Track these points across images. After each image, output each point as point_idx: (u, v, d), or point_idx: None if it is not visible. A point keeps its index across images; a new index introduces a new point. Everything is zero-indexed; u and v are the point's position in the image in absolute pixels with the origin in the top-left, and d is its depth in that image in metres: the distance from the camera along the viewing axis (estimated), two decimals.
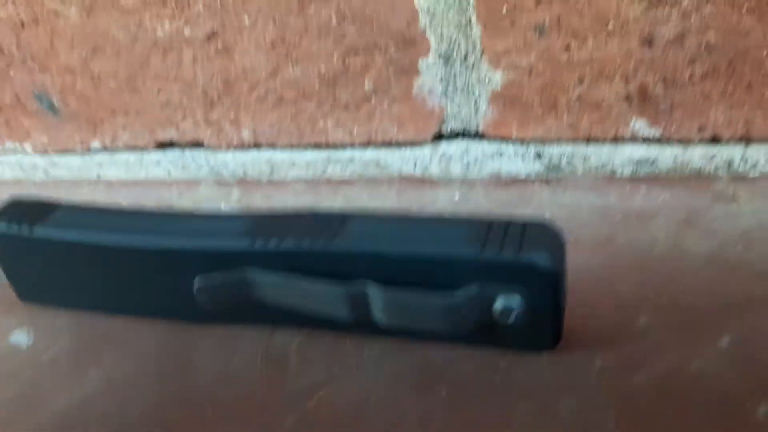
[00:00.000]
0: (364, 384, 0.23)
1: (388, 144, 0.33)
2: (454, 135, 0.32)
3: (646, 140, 0.29)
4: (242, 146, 0.36)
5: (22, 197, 0.29)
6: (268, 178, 0.37)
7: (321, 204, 0.35)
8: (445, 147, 0.32)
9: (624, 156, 0.30)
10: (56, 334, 0.29)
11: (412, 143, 0.33)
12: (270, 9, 0.30)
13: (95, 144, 0.39)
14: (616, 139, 0.29)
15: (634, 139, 0.29)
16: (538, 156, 0.31)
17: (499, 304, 0.21)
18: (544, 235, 0.22)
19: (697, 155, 0.29)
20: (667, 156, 0.29)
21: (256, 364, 0.25)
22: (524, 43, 0.28)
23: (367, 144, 0.33)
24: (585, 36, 0.27)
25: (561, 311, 0.22)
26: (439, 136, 0.32)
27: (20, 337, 0.29)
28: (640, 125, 0.29)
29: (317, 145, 0.34)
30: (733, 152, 0.29)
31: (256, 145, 0.36)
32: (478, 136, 0.31)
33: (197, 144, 0.37)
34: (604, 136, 0.29)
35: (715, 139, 0.29)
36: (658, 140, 0.29)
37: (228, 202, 0.37)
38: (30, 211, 0.28)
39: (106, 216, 0.27)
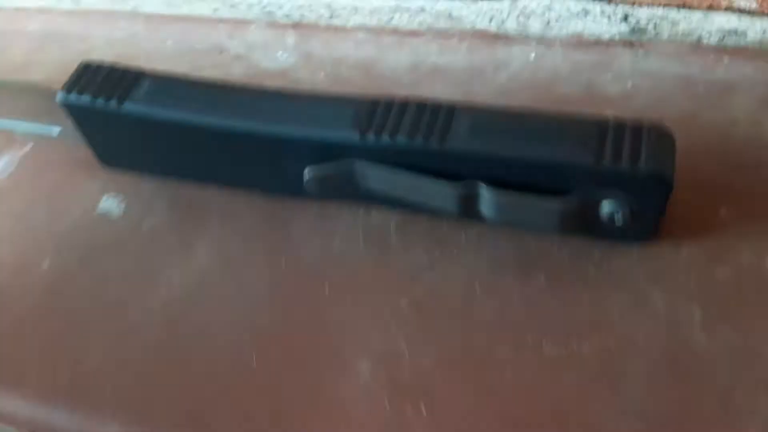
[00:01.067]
0: (466, 269, 0.25)
1: None
2: None
3: (740, 11, 0.28)
4: None
5: (94, 62, 0.28)
6: (327, 23, 0.35)
7: (386, 56, 0.34)
8: (527, 1, 0.31)
9: (713, 25, 0.29)
10: (149, 202, 0.30)
11: None
12: None
13: None
14: (711, 7, 0.28)
15: (728, 8, 0.28)
16: (625, 17, 0.30)
17: (607, 207, 0.23)
18: (659, 142, 0.22)
19: None
20: (756, 29, 0.28)
21: (358, 243, 0.27)
22: None
23: None
24: None
25: (664, 214, 0.23)
26: None
27: (110, 204, 0.30)
28: None
29: None
30: None
31: None
32: None
33: None
34: (699, 4, 0.28)
35: None
36: (751, 12, 0.28)
37: (285, 48, 0.35)
38: (110, 80, 0.27)
39: (200, 92, 0.26)
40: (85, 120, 0.28)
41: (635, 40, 0.30)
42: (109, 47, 0.37)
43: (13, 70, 0.38)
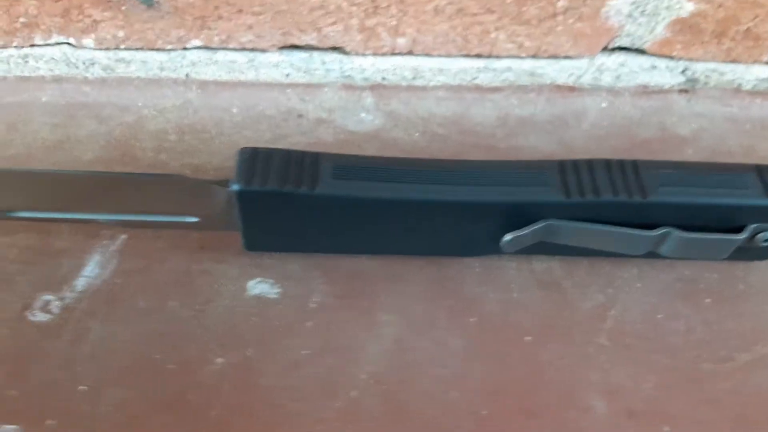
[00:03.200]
0: (643, 301, 0.29)
1: (552, 57, 0.34)
2: (616, 49, 0.34)
3: None
4: (390, 53, 0.34)
5: (253, 149, 0.26)
6: (410, 84, 0.36)
7: (470, 111, 0.36)
8: (603, 59, 0.35)
9: (752, 74, 0.35)
10: (304, 281, 0.29)
11: (575, 56, 0.34)
12: None
13: (195, 42, 0.33)
14: (755, 61, 0.35)
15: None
16: (684, 70, 0.35)
17: (763, 236, 0.28)
18: None
19: None
20: None
21: (534, 291, 0.29)
22: None
23: (532, 57, 0.34)
24: None
25: None
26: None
27: (261, 288, 0.28)
28: None
29: (477, 55, 0.34)
30: None
31: (408, 53, 0.34)
32: (638, 51, 0.34)
33: (336, 49, 0.34)
34: (746, 60, 0.34)
35: None
36: None
37: (365, 110, 0.35)
38: (288, 164, 0.26)
39: (386, 168, 0.26)
40: (258, 207, 0.26)
41: (689, 87, 0.36)
42: (162, 117, 0.34)
43: (47, 149, 0.33)
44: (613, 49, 0.35)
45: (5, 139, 0.33)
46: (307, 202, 0.26)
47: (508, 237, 0.27)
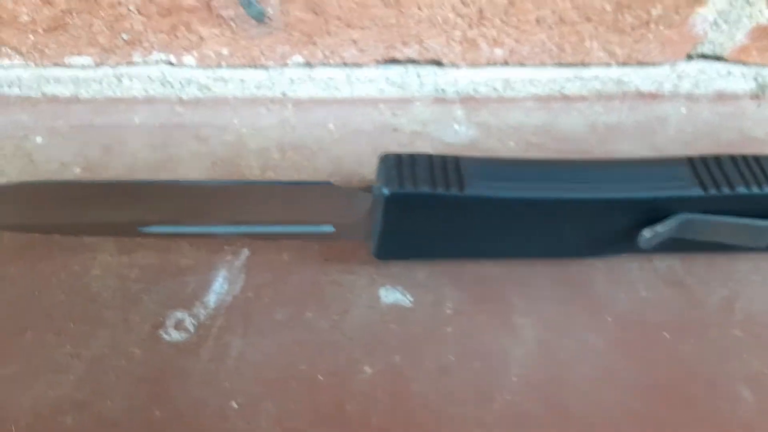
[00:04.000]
0: (764, 292, 0.29)
1: (639, 64, 0.36)
2: (696, 56, 0.36)
3: None
4: (485, 64, 0.35)
5: (395, 154, 0.27)
6: (500, 95, 0.36)
7: (558, 120, 0.37)
8: (684, 66, 0.36)
9: None
10: (435, 288, 0.29)
11: (660, 63, 0.36)
12: None
13: (297, 59, 0.33)
14: None
15: None
16: (756, 77, 0.37)
17: None
18: None
19: None
20: None
21: (661, 289, 0.29)
22: None
23: (621, 64, 0.35)
24: None
25: None
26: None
27: (393, 296, 0.28)
28: None
29: (570, 64, 0.35)
30: None
31: (503, 64, 0.35)
32: (716, 58, 0.36)
33: (434, 62, 0.34)
34: None
35: None
36: None
37: (457, 122, 0.36)
38: (432, 168, 0.26)
39: (524, 169, 0.27)
40: (402, 211, 0.26)
41: (759, 93, 0.37)
42: (261, 135, 0.34)
43: (150, 169, 0.32)
44: (692, 57, 0.36)
45: (102, 161, 0.33)
46: (455, 204, 0.26)
47: (647, 233, 0.27)
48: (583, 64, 0.35)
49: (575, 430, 0.25)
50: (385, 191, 0.25)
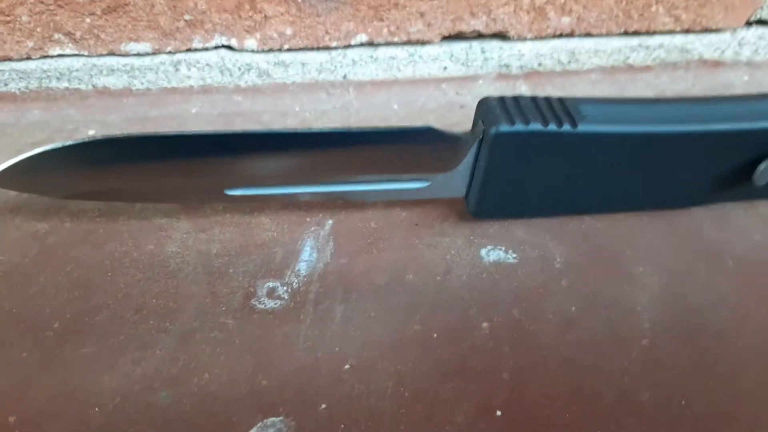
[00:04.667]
0: None
1: (702, 31, 0.35)
2: (755, 22, 0.36)
3: None
4: (551, 35, 0.34)
5: (499, 97, 0.25)
6: (564, 68, 0.36)
7: (624, 92, 0.36)
8: (744, 33, 0.36)
9: None
10: (538, 245, 0.27)
11: (720, 30, 0.35)
12: None
13: (361, 37, 0.33)
14: None
15: None
16: None
17: None
18: None
19: None
20: None
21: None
22: None
23: (685, 31, 0.35)
24: None
25: None
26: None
27: (496, 255, 0.26)
28: None
29: (635, 32, 0.35)
30: None
31: (568, 35, 0.34)
32: None
33: (498, 35, 0.34)
34: None
35: None
36: None
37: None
38: (536, 107, 0.25)
39: (633, 107, 0.25)
40: (508, 153, 0.24)
41: None
42: (326, 118, 0.33)
43: None
44: (751, 23, 0.36)
45: None
46: (568, 143, 0.24)
47: (763, 165, 0.26)
48: (648, 33, 0.35)
49: (721, 374, 0.23)
50: (492, 130, 0.24)
